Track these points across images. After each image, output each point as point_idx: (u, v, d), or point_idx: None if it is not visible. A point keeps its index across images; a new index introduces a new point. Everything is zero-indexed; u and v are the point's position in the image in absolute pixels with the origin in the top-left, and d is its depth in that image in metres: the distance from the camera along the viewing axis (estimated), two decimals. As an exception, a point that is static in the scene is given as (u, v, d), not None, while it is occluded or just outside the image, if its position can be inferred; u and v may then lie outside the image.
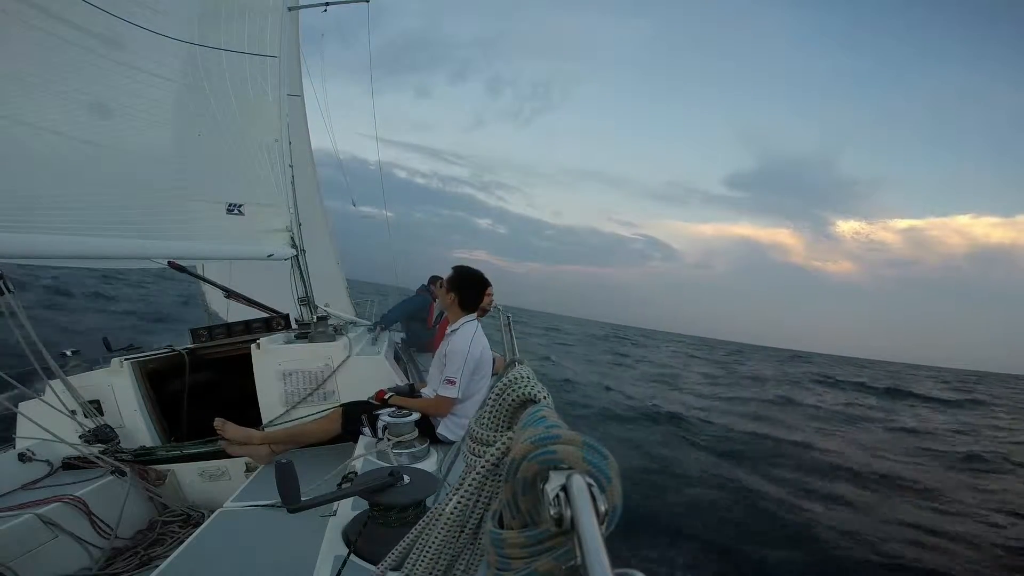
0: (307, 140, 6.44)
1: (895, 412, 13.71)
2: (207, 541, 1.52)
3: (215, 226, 3.01)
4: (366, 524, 1.31)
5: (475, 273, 2.40)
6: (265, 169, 3.25)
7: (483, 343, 2.36)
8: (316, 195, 6.47)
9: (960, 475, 7.56)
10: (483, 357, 2.32)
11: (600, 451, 0.41)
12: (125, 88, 2.70)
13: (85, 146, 2.52)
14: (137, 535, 2.10)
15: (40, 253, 2.05)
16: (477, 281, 2.38)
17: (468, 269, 2.42)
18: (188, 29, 2.95)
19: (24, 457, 2.18)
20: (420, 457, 1.99)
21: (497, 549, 0.41)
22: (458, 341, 2.27)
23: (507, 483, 0.42)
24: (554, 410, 0.53)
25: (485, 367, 2.35)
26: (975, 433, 11.55)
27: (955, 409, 16.00)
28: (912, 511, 5.74)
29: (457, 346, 2.25)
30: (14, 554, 1.64)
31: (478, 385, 2.34)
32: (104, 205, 2.48)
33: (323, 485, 1.77)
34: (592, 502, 0.34)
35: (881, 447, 8.91)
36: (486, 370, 2.36)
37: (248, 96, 3.20)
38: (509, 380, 0.56)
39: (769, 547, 4.46)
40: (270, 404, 2.68)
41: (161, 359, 2.89)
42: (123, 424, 2.57)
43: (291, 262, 3.35)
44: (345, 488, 1.35)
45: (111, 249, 2.35)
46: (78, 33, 2.45)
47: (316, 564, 1.26)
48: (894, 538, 4.89)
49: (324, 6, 5.24)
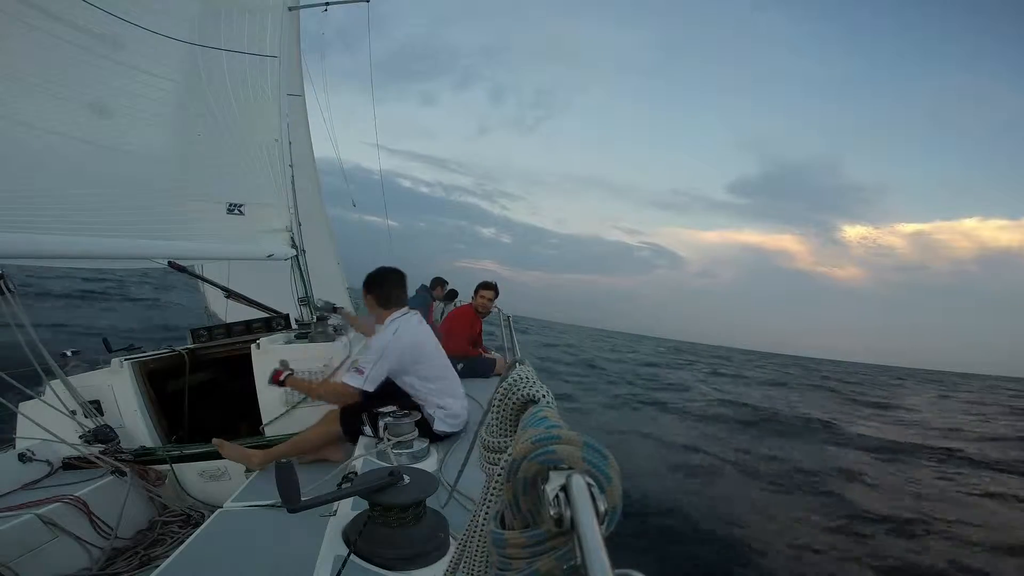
0: (307, 140, 6.44)
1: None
2: (207, 541, 1.52)
3: (215, 226, 3.01)
4: (366, 524, 1.31)
5: (384, 270, 2.42)
6: (265, 169, 3.25)
7: (416, 330, 2.34)
8: (316, 195, 6.48)
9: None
10: (418, 341, 2.31)
11: (600, 451, 0.41)
12: (125, 88, 2.71)
13: (85, 146, 2.52)
14: (137, 535, 2.11)
15: (40, 253, 2.05)
16: (387, 276, 2.40)
17: (380, 268, 2.43)
18: (188, 29, 2.95)
19: (24, 457, 2.18)
20: (420, 457, 1.99)
21: (499, 549, 0.41)
22: (378, 337, 2.29)
23: (508, 483, 0.42)
24: (555, 409, 0.53)
25: (427, 350, 2.35)
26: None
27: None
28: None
29: (375, 342, 2.27)
30: (14, 554, 1.64)
31: (436, 369, 2.36)
32: (104, 205, 2.48)
33: (323, 485, 1.77)
34: (592, 502, 0.34)
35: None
36: (430, 352, 2.36)
37: (248, 96, 3.20)
38: (510, 383, 0.56)
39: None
40: (270, 404, 2.68)
41: (161, 359, 2.89)
42: (123, 424, 2.57)
43: (291, 262, 3.35)
44: (345, 488, 1.35)
45: (111, 249, 2.35)
46: (78, 33, 2.45)
47: (316, 564, 1.26)
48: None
49: (324, 6, 5.24)
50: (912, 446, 9.14)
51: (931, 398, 20.40)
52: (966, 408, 17.40)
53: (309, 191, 5.66)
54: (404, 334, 2.27)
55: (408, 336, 2.28)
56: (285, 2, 3.41)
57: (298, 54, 6.00)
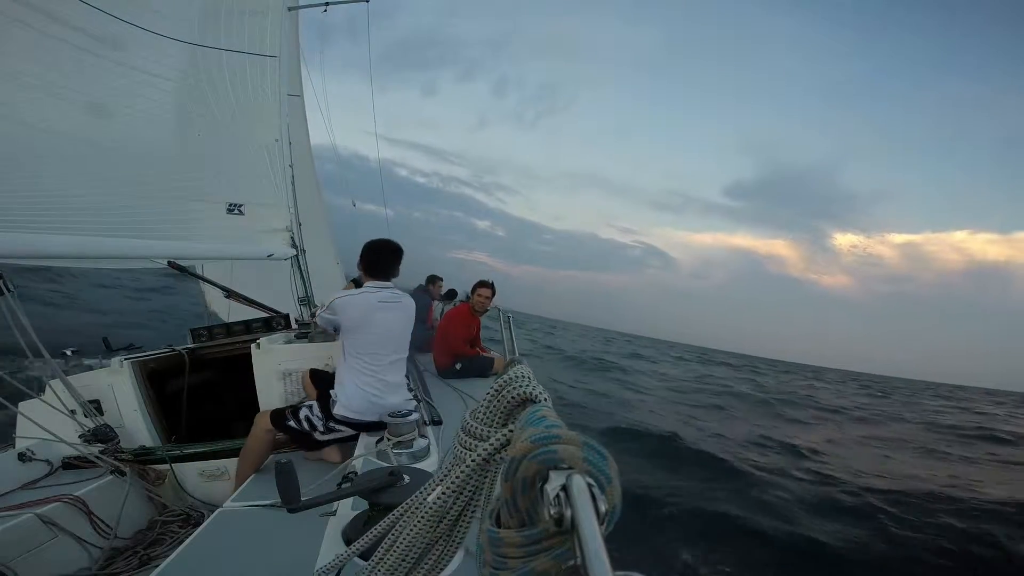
0: (307, 140, 6.45)
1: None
2: (207, 541, 1.52)
3: (215, 226, 3.01)
4: (366, 524, 1.31)
5: (382, 240, 2.41)
6: (265, 169, 3.26)
7: (380, 306, 2.26)
8: (316, 195, 6.48)
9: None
10: (370, 312, 2.22)
11: (600, 451, 0.41)
12: (125, 88, 2.71)
13: (85, 146, 2.52)
14: (137, 535, 2.11)
15: (40, 253, 2.05)
16: (383, 246, 2.39)
17: (381, 239, 2.43)
18: (188, 29, 2.95)
19: (24, 457, 2.18)
20: (420, 457, 1.99)
21: (494, 548, 0.41)
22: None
23: (507, 482, 0.42)
24: (552, 410, 0.53)
25: (372, 326, 2.23)
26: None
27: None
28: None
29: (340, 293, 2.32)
30: (14, 554, 1.64)
31: (369, 346, 2.23)
32: (104, 205, 2.48)
33: (323, 485, 1.77)
34: (592, 502, 0.34)
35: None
36: (376, 331, 2.24)
37: (248, 96, 3.20)
38: (508, 378, 0.56)
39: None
40: (270, 404, 2.68)
41: (161, 359, 2.89)
42: (123, 424, 2.57)
43: (291, 262, 3.35)
44: (345, 488, 1.35)
45: (111, 249, 2.35)
46: (78, 34, 2.45)
47: (316, 564, 1.26)
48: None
49: (324, 6, 5.24)
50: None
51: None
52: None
53: (309, 191, 5.66)
54: (363, 298, 2.24)
55: (365, 302, 2.23)
56: (285, 2, 3.42)
57: (298, 54, 6.00)
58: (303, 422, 2.20)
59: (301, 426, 2.20)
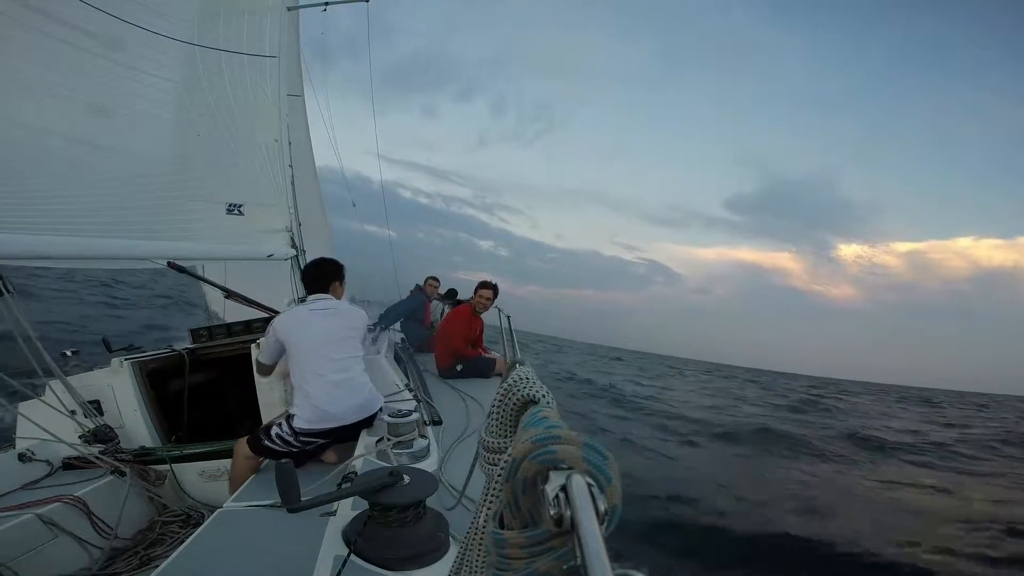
0: (307, 140, 6.45)
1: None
2: (207, 541, 1.52)
3: (215, 226, 3.01)
4: (366, 524, 1.31)
5: (315, 260, 2.54)
6: (265, 169, 3.26)
7: (300, 315, 2.29)
8: (316, 195, 6.48)
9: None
10: (292, 324, 2.26)
11: (600, 451, 0.41)
12: (125, 88, 2.71)
13: (85, 146, 2.52)
14: (137, 535, 2.11)
15: (40, 253, 2.05)
16: (308, 266, 2.53)
17: (313, 259, 2.57)
18: (188, 29, 2.95)
19: (24, 457, 2.18)
20: (420, 457, 1.99)
21: (498, 550, 0.41)
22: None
23: (508, 483, 0.42)
24: (555, 409, 0.53)
25: (299, 334, 2.24)
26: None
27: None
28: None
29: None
30: (14, 554, 1.64)
31: (302, 356, 2.22)
32: (104, 205, 2.48)
33: (323, 485, 1.77)
34: (592, 502, 0.34)
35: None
36: (298, 338, 2.24)
37: (248, 96, 3.20)
38: (510, 384, 0.56)
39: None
40: (270, 404, 2.68)
41: (161, 359, 2.89)
42: (123, 424, 2.57)
43: (291, 262, 3.35)
44: (345, 488, 1.35)
45: (111, 249, 2.35)
46: (77, 34, 2.45)
47: (316, 564, 1.26)
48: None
49: (323, 6, 5.23)
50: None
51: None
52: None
53: (308, 191, 5.66)
54: (296, 310, 2.38)
55: (297, 312, 2.33)
56: (284, 2, 3.42)
57: (298, 54, 6.00)
58: (275, 440, 2.14)
59: (276, 445, 2.15)
